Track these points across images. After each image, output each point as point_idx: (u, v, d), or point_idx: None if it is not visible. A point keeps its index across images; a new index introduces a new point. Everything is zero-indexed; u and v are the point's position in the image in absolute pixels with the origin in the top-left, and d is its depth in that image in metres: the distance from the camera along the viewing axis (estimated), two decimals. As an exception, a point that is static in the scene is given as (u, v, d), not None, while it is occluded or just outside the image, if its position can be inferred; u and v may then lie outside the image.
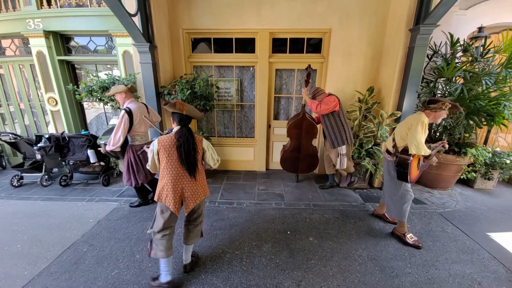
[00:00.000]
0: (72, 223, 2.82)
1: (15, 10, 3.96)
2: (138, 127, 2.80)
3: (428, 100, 2.22)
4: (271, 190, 3.70)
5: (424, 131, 2.18)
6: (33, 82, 4.43)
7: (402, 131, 2.35)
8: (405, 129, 2.29)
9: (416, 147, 2.18)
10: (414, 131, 2.18)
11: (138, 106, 2.78)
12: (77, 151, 3.73)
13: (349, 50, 3.68)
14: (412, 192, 2.44)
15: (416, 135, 2.17)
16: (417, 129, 2.16)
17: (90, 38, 4.16)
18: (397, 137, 2.41)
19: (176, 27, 3.77)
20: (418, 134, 2.16)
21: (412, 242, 2.44)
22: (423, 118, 2.19)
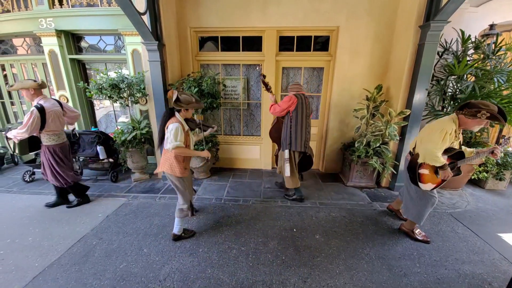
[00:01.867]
0: (82, 217, 2.88)
1: (27, 9, 4.07)
2: (53, 125, 2.70)
3: (465, 103, 1.93)
4: (277, 188, 3.69)
5: (443, 140, 1.95)
6: (45, 80, 4.54)
7: (423, 134, 2.16)
8: (427, 132, 2.11)
9: (425, 156, 2.04)
10: (428, 139, 2.02)
11: (52, 104, 2.69)
12: (87, 147, 3.80)
13: (357, 47, 3.65)
14: (436, 196, 2.28)
15: (428, 144, 2.00)
16: (433, 137, 1.98)
17: (100, 37, 4.25)
18: (418, 139, 2.25)
19: (184, 26, 3.81)
20: (431, 142, 1.99)
21: (421, 238, 2.41)
22: (446, 125, 1.96)
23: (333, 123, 4.02)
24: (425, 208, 2.32)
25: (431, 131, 2.05)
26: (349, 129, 3.91)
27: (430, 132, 2.05)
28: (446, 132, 1.94)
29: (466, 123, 1.95)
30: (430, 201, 2.28)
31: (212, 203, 3.25)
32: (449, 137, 1.97)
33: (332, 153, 4.17)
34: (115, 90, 3.47)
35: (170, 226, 2.69)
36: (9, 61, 4.54)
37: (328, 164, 4.26)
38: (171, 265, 2.12)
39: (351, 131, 3.80)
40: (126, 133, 3.65)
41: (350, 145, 3.78)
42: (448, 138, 1.97)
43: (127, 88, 3.52)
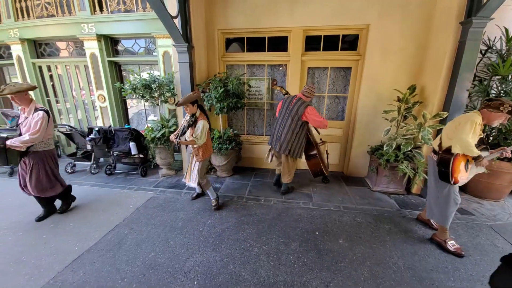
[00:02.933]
0: (115, 208, 3.11)
1: (71, 14, 4.46)
2: (50, 130, 2.65)
3: (489, 98, 2.08)
4: (299, 189, 3.66)
5: (473, 131, 2.02)
6: (86, 81, 4.97)
7: (449, 130, 2.22)
8: (453, 127, 2.16)
9: (461, 146, 2.04)
10: (461, 129, 2.04)
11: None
12: (120, 143, 4.08)
13: (388, 46, 3.48)
14: (459, 197, 2.25)
15: (462, 134, 2.02)
16: (465, 127, 2.02)
17: (135, 40, 4.54)
18: (443, 136, 2.28)
19: (212, 28, 3.93)
20: (464, 132, 2.02)
21: (454, 250, 2.24)
22: (474, 117, 2.03)
23: (360, 125, 3.87)
24: (448, 207, 2.25)
25: (459, 124, 2.11)
26: (377, 131, 3.74)
27: (459, 125, 2.09)
28: (476, 123, 2.01)
29: (489, 117, 2.04)
30: (453, 199, 2.24)
31: (234, 201, 3.31)
32: (478, 128, 2.04)
33: (358, 156, 4.02)
34: (147, 90, 3.68)
35: (194, 221, 2.79)
36: (55, 62, 5.03)
37: (353, 167, 4.11)
38: (195, 258, 2.20)
39: (379, 134, 3.63)
40: (156, 130, 3.86)
41: (377, 148, 3.61)
42: (478, 130, 2.05)
43: (158, 88, 3.72)
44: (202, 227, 2.67)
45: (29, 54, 4.86)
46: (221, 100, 3.61)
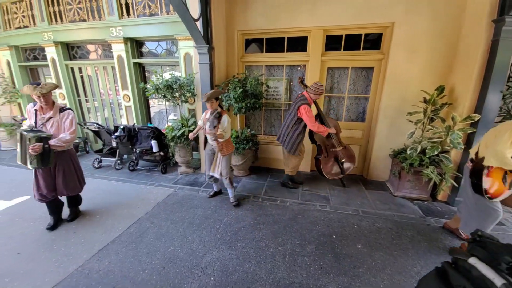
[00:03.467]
0: (137, 202, 3.25)
1: (101, 19, 4.74)
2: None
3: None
4: (316, 191, 3.60)
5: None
6: (112, 81, 5.25)
7: (488, 138, 2.04)
8: (493, 135, 1.98)
9: (495, 159, 1.85)
10: (498, 139, 1.86)
11: None
12: (143, 141, 4.27)
13: (414, 45, 3.32)
14: (500, 211, 2.06)
15: (498, 145, 1.84)
16: (503, 137, 1.83)
17: (158, 42, 4.73)
18: (481, 143, 2.10)
19: (231, 29, 3.99)
20: (501, 143, 1.83)
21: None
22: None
23: (382, 127, 3.73)
24: (486, 223, 2.09)
25: (499, 132, 1.92)
26: (400, 134, 3.58)
27: (498, 133, 1.91)
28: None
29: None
30: (492, 214, 2.05)
31: (250, 200, 3.33)
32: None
33: (379, 159, 3.87)
34: (169, 90, 3.82)
35: (211, 218, 2.85)
36: (85, 64, 5.37)
37: (373, 170, 3.97)
38: (212, 254, 2.25)
39: (402, 137, 3.47)
40: (176, 129, 3.99)
41: (400, 152, 3.46)
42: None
43: (179, 89, 3.85)
44: (218, 225, 2.72)
45: (62, 57, 5.23)
46: (239, 100, 3.66)
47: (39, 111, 2.43)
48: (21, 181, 3.96)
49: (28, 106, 2.48)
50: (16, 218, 2.87)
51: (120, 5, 4.45)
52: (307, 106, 3.11)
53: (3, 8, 5.33)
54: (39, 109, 2.42)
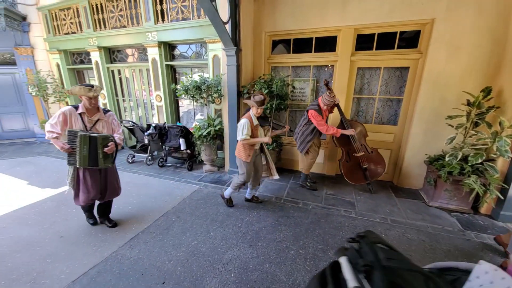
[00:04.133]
0: (165, 196, 3.44)
1: (138, 25, 5.10)
2: None
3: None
4: (341, 196, 3.47)
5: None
6: (146, 82, 5.62)
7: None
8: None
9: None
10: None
11: None
12: (172, 139, 4.50)
13: (457, 42, 3.05)
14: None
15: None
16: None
17: (189, 46, 4.95)
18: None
19: (259, 31, 4.03)
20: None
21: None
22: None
23: (416, 130, 3.48)
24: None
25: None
26: (438, 139, 3.31)
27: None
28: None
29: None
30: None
31: (272, 201, 3.32)
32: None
33: (412, 165, 3.62)
34: (197, 91, 3.98)
35: (233, 216, 2.91)
36: (124, 67, 5.83)
37: (404, 177, 3.72)
38: (233, 252, 2.29)
39: (440, 142, 3.20)
40: (202, 129, 4.14)
41: (438, 158, 3.19)
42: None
43: (207, 89, 3.99)
44: (240, 223, 2.76)
45: (105, 60, 5.73)
46: (264, 101, 3.68)
47: (87, 114, 2.39)
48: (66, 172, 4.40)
49: (65, 111, 2.32)
50: (61, 205, 3.21)
51: (156, 11, 4.74)
52: (315, 112, 3.18)
53: (53, 14, 6.00)
54: (86, 112, 2.38)
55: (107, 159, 2.43)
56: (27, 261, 2.19)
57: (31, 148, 6.14)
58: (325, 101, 3.14)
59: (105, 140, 2.36)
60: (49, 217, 2.92)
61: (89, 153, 2.32)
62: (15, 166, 4.76)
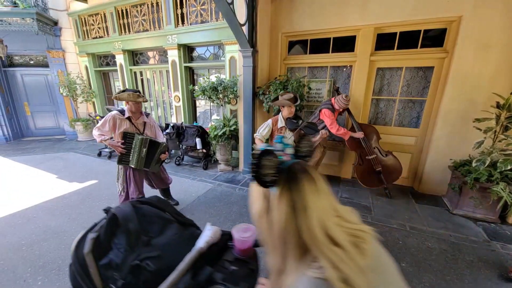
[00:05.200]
0: (181, 194, 3.55)
1: (160, 29, 5.30)
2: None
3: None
4: (357, 200, 3.38)
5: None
6: (166, 83, 5.83)
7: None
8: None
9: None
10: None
11: None
12: (189, 138, 4.63)
13: (486, 41, 2.86)
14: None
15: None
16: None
17: (207, 47, 5.08)
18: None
19: (276, 32, 4.04)
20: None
21: None
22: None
23: (440, 133, 3.31)
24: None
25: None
26: (464, 143, 3.12)
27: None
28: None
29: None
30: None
31: (286, 202, 3.31)
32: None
33: (434, 170, 3.44)
34: (214, 92, 4.07)
35: (246, 216, 2.93)
36: (145, 69, 6.09)
37: (426, 182, 3.54)
38: (245, 251, 2.31)
39: (467, 146, 3.01)
40: (218, 129, 4.22)
41: (463, 164, 3.00)
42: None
43: (223, 90, 4.06)
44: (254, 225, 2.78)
45: (128, 62, 6.03)
46: (280, 102, 3.68)
47: (132, 117, 2.53)
48: (92, 167, 4.70)
49: (114, 115, 2.45)
50: (86, 198, 3.43)
51: (177, 15, 4.91)
52: (329, 111, 3.21)
53: (82, 19, 6.41)
54: (132, 115, 2.52)
55: (157, 163, 2.69)
56: (53, 249, 2.37)
57: (61, 144, 6.60)
58: (340, 103, 3.19)
59: (164, 148, 2.60)
60: (75, 209, 3.12)
61: (147, 156, 2.51)
62: (46, 161, 5.14)
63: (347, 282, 0.48)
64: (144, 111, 2.71)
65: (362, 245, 0.55)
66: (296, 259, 0.56)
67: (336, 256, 0.51)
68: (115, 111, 2.52)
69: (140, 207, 1.05)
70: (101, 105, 7.12)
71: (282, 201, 0.56)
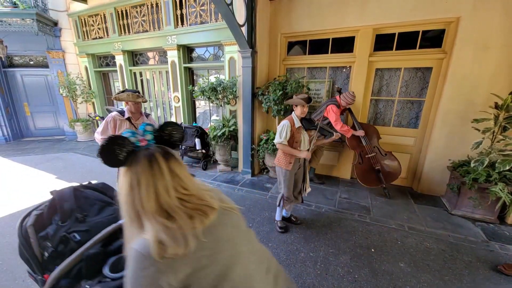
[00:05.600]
0: (180, 194, 3.55)
1: (160, 29, 5.31)
2: None
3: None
4: (355, 200, 3.38)
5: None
6: (166, 84, 5.84)
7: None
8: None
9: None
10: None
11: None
12: (188, 139, 4.63)
13: (485, 42, 2.87)
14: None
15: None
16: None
17: (206, 48, 5.09)
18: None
19: (275, 33, 4.05)
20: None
21: None
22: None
23: (439, 134, 3.31)
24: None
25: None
26: (462, 143, 3.12)
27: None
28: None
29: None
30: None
31: (285, 203, 3.31)
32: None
33: (433, 171, 3.44)
34: (213, 92, 4.07)
35: (245, 216, 2.92)
36: (145, 69, 6.10)
37: (425, 183, 3.55)
38: (244, 251, 2.31)
39: (465, 147, 3.02)
40: (217, 129, 4.22)
41: (462, 164, 3.01)
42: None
43: (222, 91, 4.07)
44: (251, 224, 2.79)
45: (128, 63, 6.04)
46: (278, 102, 3.69)
47: (133, 118, 2.51)
48: (91, 168, 4.71)
49: (114, 116, 2.43)
50: (86, 198, 3.42)
51: (176, 16, 4.92)
52: (335, 107, 3.31)
53: (82, 20, 6.42)
54: (132, 116, 2.49)
55: None
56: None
57: (60, 145, 6.61)
58: (348, 100, 3.29)
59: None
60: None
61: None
62: (46, 161, 5.15)
63: (162, 243, 0.60)
64: (144, 112, 2.71)
65: (202, 218, 0.67)
66: (138, 227, 0.67)
67: (158, 223, 0.63)
68: (115, 112, 2.51)
69: (83, 191, 1.26)
70: (101, 106, 7.12)
71: (124, 178, 0.67)
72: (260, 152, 4.11)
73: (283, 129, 2.32)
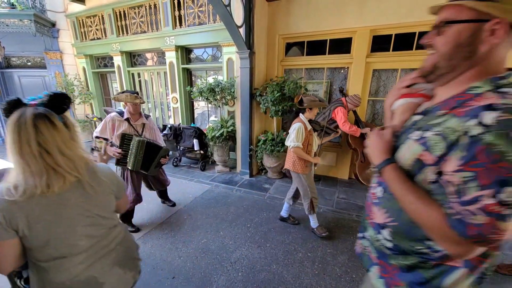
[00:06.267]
0: (178, 195, 3.54)
1: (158, 30, 5.32)
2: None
3: None
4: (353, 201, 3.40)
5: None
6: (164, 85, 5.84)
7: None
8: None
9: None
10: None
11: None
12: (186, 139, 4.64)
13: (479, 43, 2.90)
14: None
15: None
16: None
17: (204, 49, 5.10)
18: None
19: (273, 34, 4.07)
20: None
21: None
22: None
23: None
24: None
25: None
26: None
27: None
28: None
29: None
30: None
31: (282, 203, 3.31)
32: None
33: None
34: (211, 93, 4.08)
35: (243, 217, 2.94)
36: (143, 70, 6.10)
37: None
38: (241, 251, 2.32)
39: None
40: (216, 130, 4.23)
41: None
42: None
43: (220, 92, 4.08)
44: (249, 224, 2.79)
45: (126, 64, 6.03)
46: (276, 103, 3.70)
47: (131, 119, 2.51)
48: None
49: (113, 117, 2.44)
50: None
51: (174, 17, 4.94)
52: (343, 108, 3.37)
53: (80, 21, 6.41)
54: (131, 117, 2.50)
55: (157, 167, 2.61)
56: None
57: (58, 146, 6.56)
58: (354, 101, 3.38)
59: (165, 152, 2.55)
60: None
61: (147, 159, 2.44)
62: (43, 162, 5.11)
63: (16, 188, 0.78)
64: (144, 113, 2.70)
65: (52, 178, 0.81)
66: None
67: (20, 168, 0.80)
68: (114, 112, 2.51)
69: None
70: (99, 107, 7.10)
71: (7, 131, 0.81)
72: (258, 153, 4.11)
73: (299, 132, 2.28)
